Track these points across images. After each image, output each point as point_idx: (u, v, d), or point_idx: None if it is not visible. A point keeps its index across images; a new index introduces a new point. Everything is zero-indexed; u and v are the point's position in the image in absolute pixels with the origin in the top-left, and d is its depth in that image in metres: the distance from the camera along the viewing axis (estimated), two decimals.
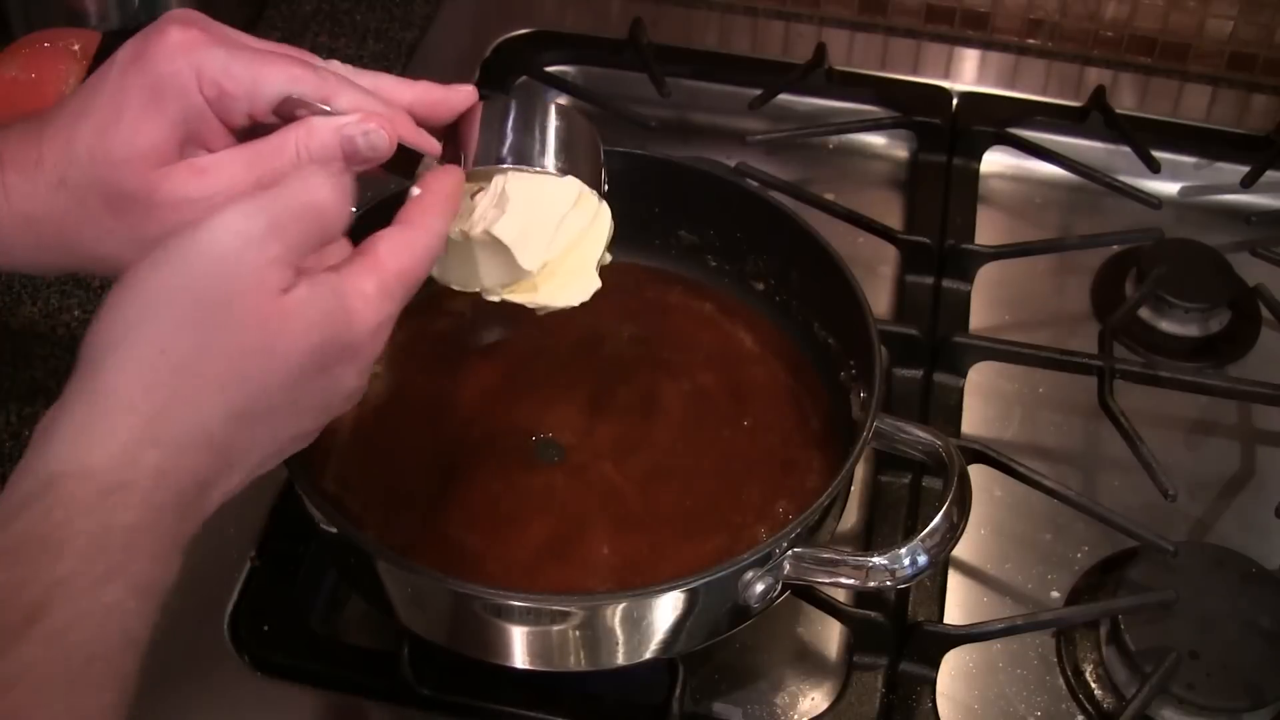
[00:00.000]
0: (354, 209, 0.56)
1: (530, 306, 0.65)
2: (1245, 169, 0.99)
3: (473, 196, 0.62)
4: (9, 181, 0.58)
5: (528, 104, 0.63)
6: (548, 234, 0.62)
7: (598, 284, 0.65)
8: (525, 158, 0.61)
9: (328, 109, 0.57)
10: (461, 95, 0.62)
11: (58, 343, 0.87)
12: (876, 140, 1.05)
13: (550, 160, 0.62)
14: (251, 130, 0.59)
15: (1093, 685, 0.72)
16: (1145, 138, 1.00)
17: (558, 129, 0.63)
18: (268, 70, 0.58)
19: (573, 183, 0.62)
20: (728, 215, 0.82)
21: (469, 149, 0.61)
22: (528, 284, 0.64)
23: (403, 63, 1.07)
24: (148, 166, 0.56)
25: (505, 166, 0.61)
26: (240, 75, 0.57)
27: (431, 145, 0.61)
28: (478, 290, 0.64)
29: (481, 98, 0.63)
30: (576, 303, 0.65)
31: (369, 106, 0.58)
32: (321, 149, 0.57)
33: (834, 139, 1.04)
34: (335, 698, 0.70)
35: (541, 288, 0.64)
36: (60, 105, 0.59)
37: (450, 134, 0.62)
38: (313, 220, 0.53)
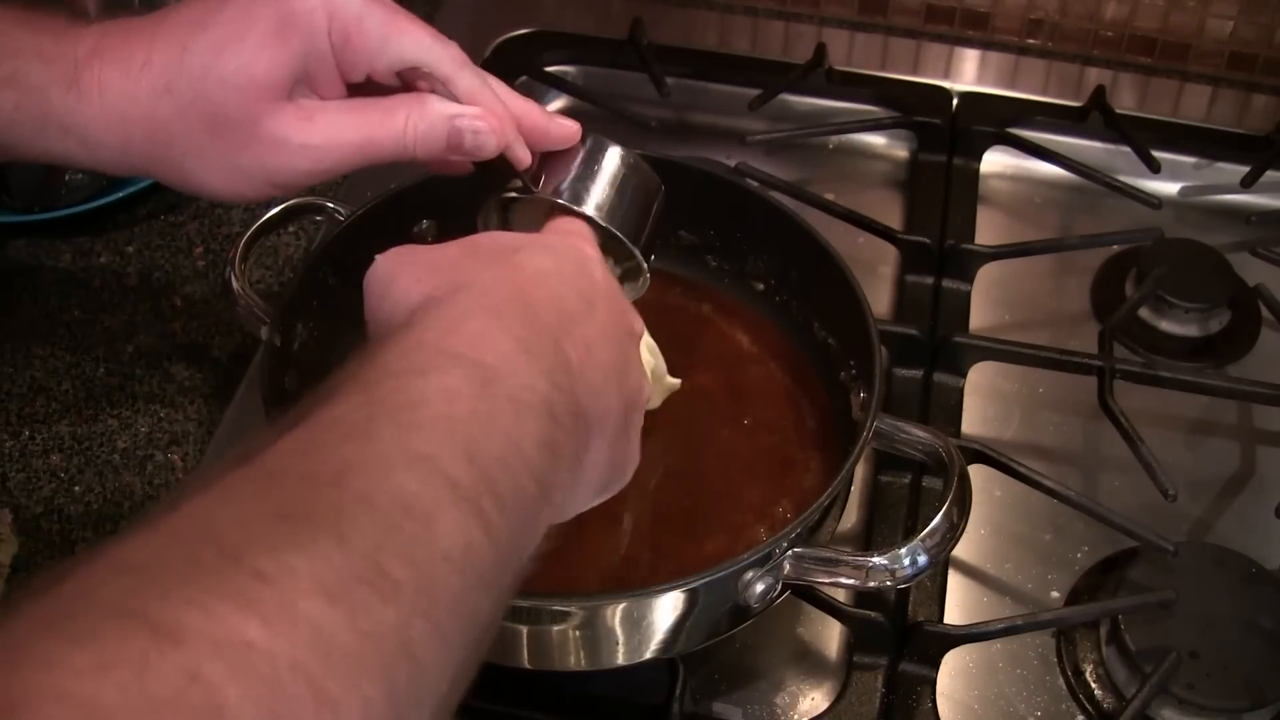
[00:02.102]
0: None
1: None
2: (1245, 169, 0.99)
3: None
4: (106, 78, 0.57)
5: (617, 154, 0.64)
6: None
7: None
8: (603, 213, 0.62)
9: (446, 90, 0.58)
10: (561, 132, 0.62)
11: (58, 342, 0.87)
12: (876, 140, 1.05)
13: (615, 219, 0.63)
14: (364, 85, 0.59)
15: (1093, 685, 0.72)
16: (1145, 138, 1.00)
17: (634, 191, 0.64)
18: (400, 33, 0.58)
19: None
20: (728, 215, 0.82)
21: (550, 178, 0.62)
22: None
23: None
24: (257, 96, 0.56)
25: (571, 206, 0.62)
26: (372, 32, 0.57)
27: (525, 159, 0.61)
28: None
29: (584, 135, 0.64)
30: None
31: (486, 100, 0.59)
32: (429, 131, 0.57)
33: (834, 139, 1.04)
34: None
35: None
36: (172, 12, 0.58)
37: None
38: None
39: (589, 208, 0.62)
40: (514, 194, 0.63)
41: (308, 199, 0.80)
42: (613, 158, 0.63)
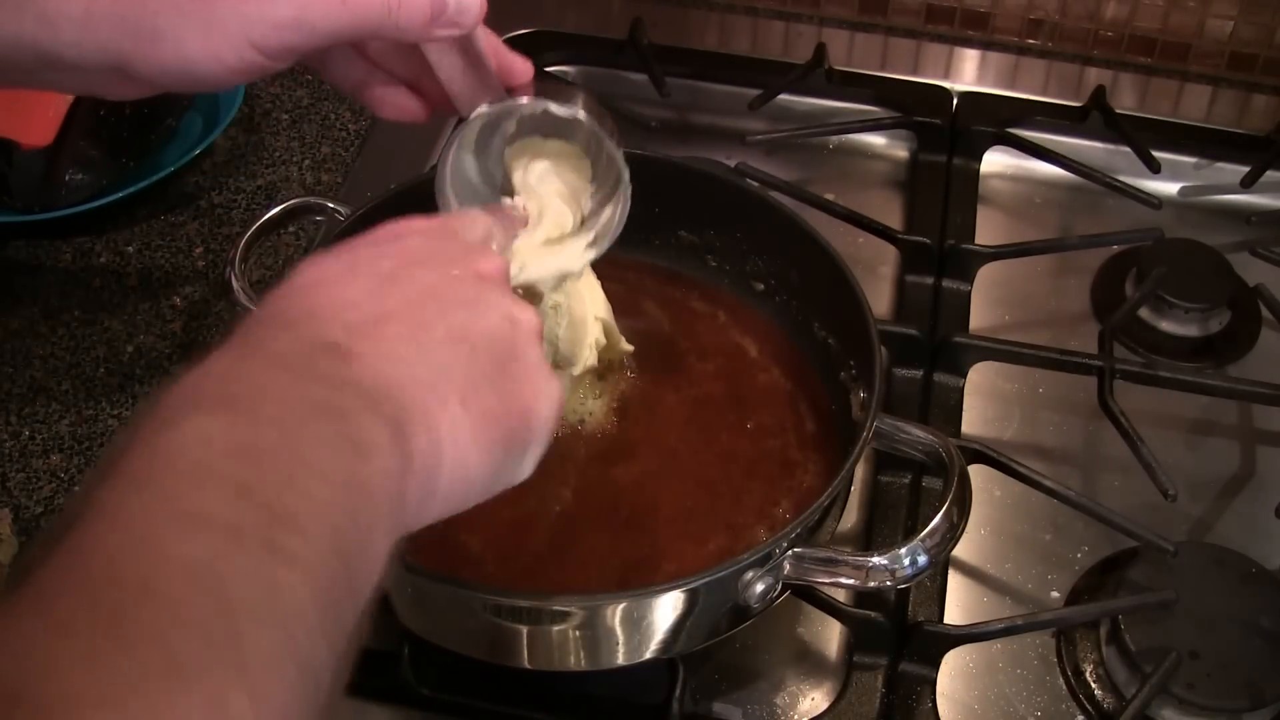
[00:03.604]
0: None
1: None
2: (1245, 169, 0.99)
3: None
4: None
5: (573, 85, 0.65)
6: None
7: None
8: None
9: None
10: (519, 61, 0.63)
11: (58, 343, 0.87)
12: (876, 140, 1.05)
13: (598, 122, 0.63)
14: None
15: (1093, 685, 0.72)
16: (1145, 138, 1.00)
17: (599, 110, 0.64)
18: None
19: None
20: (728, 215, 0.82)
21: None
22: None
23: None
24: None
25: (554, 106, 0.62)
26: None
27: (491, 66, 0.62)
28: None
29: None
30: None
31: None
32: None
33: (834, 139, 1.04)
34: (334, 698, 0.70)
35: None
36: None
37: None
38: None
39: (577, 110, 0.62)
40: (487, 106, 0.62)
41: (308, 199, 0.80)
42: (570, 88, 0.64)
